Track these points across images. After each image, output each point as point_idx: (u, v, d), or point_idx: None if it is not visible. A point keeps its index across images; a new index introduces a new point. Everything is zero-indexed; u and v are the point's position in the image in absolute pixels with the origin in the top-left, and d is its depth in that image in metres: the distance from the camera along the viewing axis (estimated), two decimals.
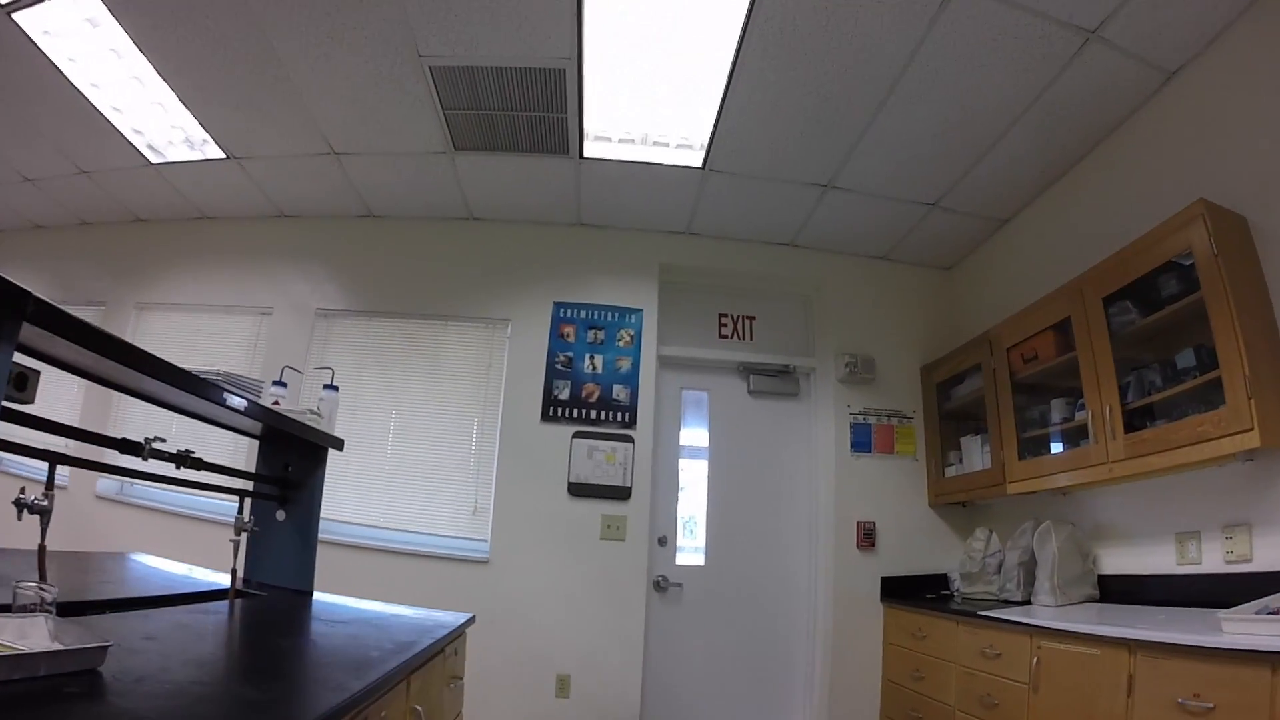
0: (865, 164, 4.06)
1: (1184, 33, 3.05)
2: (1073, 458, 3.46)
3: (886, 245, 4.97)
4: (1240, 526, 2.85)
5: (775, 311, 4.99)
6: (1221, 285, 2.70)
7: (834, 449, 4.66)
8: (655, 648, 4.25)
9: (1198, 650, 2.19)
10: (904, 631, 4.18)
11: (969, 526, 4.55)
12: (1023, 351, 3.91)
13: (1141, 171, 3.48)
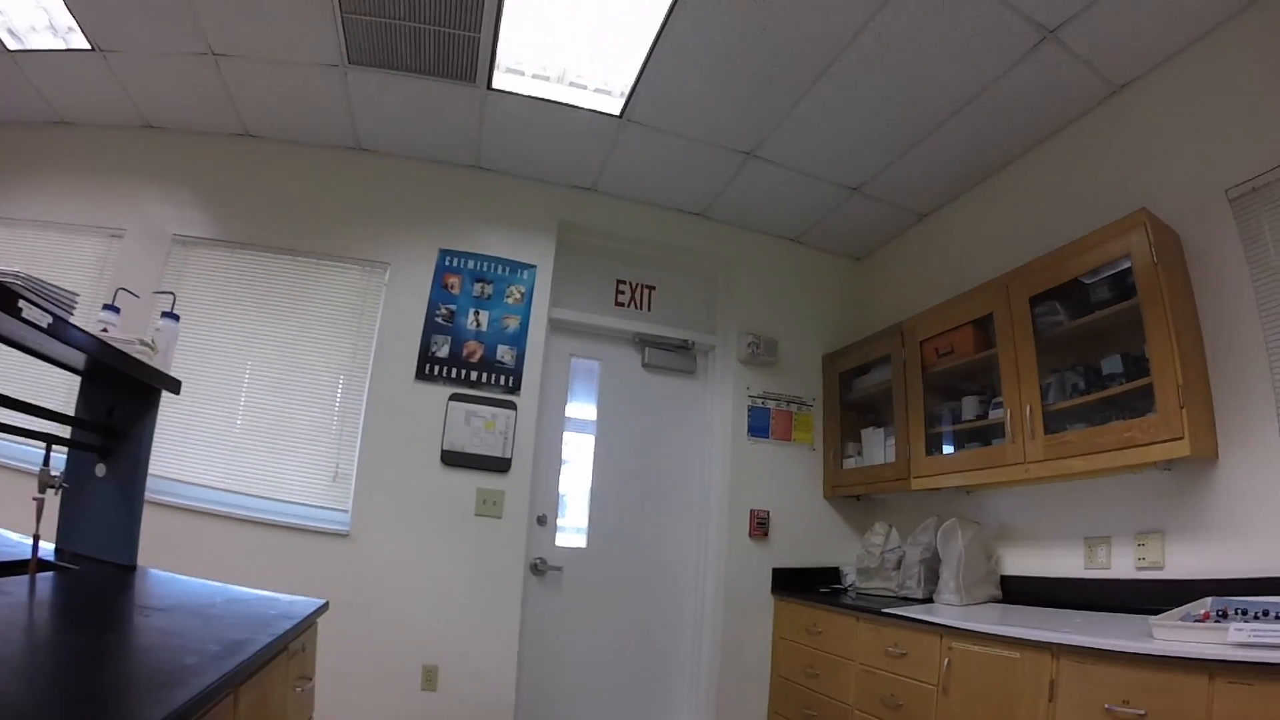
0: (794, 136, 3.93)
1: (1138, 49, 3.14)
2: (986, 456, 3.51)
3: (801, 227, 4.93)
4: (1154, 534, 2.97)
5: (677, 283, 4.85)
6: (1160, 294, 2.78)
7: (730, 432, 4.58)
8: (532, 636, 4.03)
9: (1128, 656, 2.21)
10: (797, 626, 4.14)
11: (865, 520, 4.60)
12: (938, 345, 3.94)
13: (1076, 179, 3.59)
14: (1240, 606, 2.31)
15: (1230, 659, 1.92)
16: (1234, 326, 2.78)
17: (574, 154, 4.23)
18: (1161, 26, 2.99)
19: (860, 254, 5.20)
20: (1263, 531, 2.59)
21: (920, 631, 3.16)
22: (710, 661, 4.24)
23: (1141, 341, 2.84)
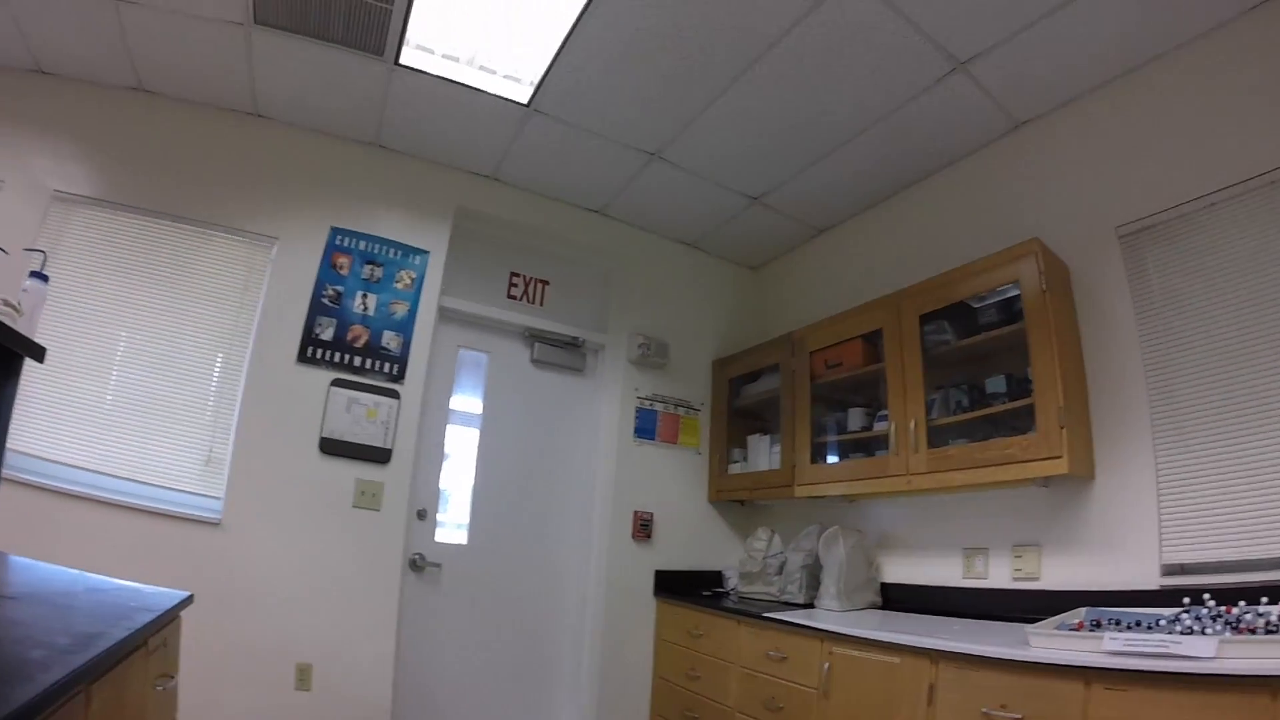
0: (700, 140, 4.02)
1: (1043, 89, 3.42)
2: (870, 466, 3.69)
3: (699, 233, 5.06)
4: (1031, 547, 3.23)
5: (571, 279, 4.88)
6: (1047, 320, 3.03)
7: (616, 432, 4.64)
8: (410, 634, 3.95)
9: (1006, 662, 2.37)
10: (679, 628, 4.24)
11: (748, 525, 4.77)
12: (827, 357, 4.12)
13: (973, 206, 3.87)
14: (1113, 617, 2.54)
15: (1105, 666, 2.09)
16: (1115, 355, 3.07)
17: (477, 140, 4.19)
18: (1068, 70, 3.26)
19: (756, 263, 5.38)
20: (1134, 547, 2.87)
21: (801, 636, 3.27)
22: (592, 662, 4.28)
23: (1025, 364, 3.08)
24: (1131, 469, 2.93)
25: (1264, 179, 2.74)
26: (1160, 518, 2.84)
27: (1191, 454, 2.83)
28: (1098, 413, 3.08)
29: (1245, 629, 2.15)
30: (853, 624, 3.11)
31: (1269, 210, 2.73)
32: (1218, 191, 2.86)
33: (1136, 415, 2.95)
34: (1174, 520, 2.83)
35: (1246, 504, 2.65)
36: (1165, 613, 2.46)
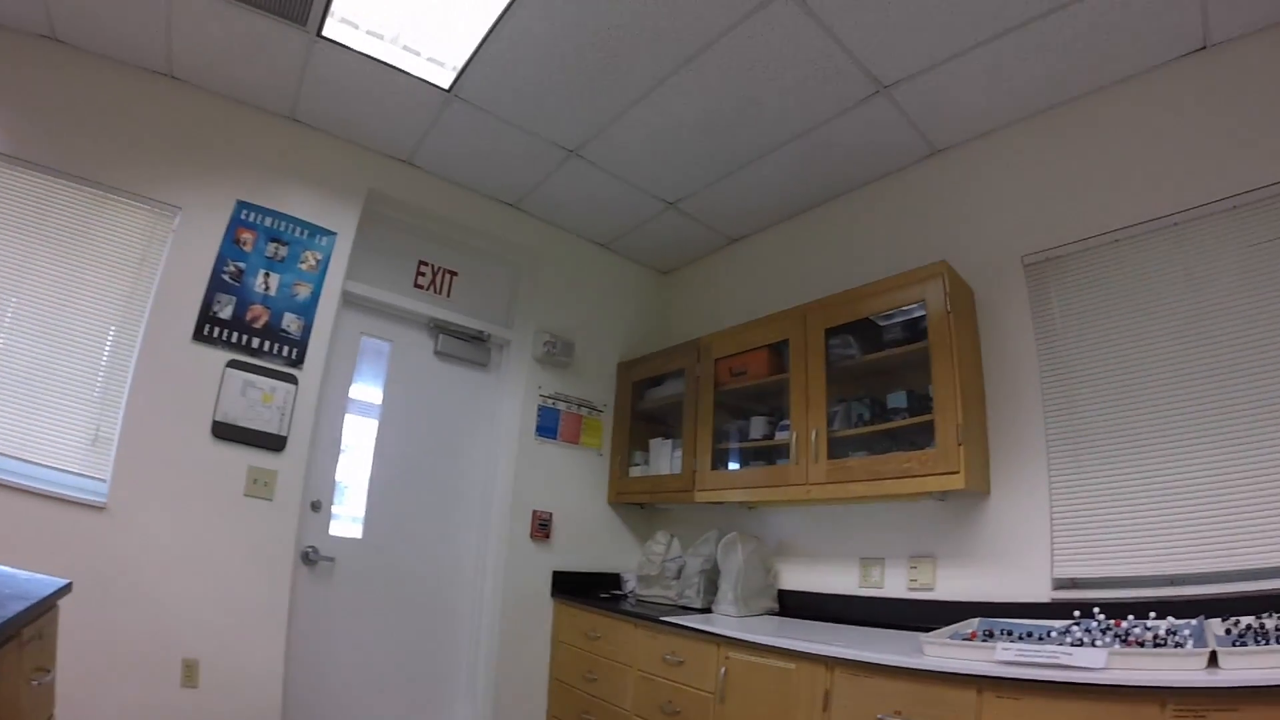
0: (621, 140, 4.15)
1: (962, 119, 3.73)
2: (770, 474, 3.92)
3: (612, 234, 5.21)
4: (926, 558, 3.51)
5: (480, 272, 4.95)
6: (949, 340, 3.28)
7: (518, 430, 4.74)
8: (302, 630, 3.92)
9: (901, 670, 2.57)
10: (576, 630, 4.37)
11: (647, 529, 4.98)
12: (733, 365, 4.34)
13: (885, 227, 4.16)
14: (1005, 628, 2.78)
15: (997, 675, 2.29)
16: (1014, 378, 3.39)
17: (395, 122, 4.22)
18: (990, 103, 3.57)
19: (668, 268, 5.60)
20: (1026, 561, 3.16)
21: (698, 640, 3.43)
22: (488, 663, 4.36)
23: (927, 381, 3.33)
24: (1026, 486, 3.25)
25: (1167, 220, 3.11)
26: (1053, 534, 3.16)
27: (1084, 474, 3.16)
28: (995, 431, 3.39)
29: (1134, 642, 2.39)
30: (749, 630, 3.29)
31: (1170, 250, 3.10)
32: (1123, 229, 3.22)
33: (1032, 435, 3.28)
34: (1065, 536, 3.16)
35: (1135, 523, 2.99)
36: (1056, 625, 2.73)
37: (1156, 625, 2.53)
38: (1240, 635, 2.36)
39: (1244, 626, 2.43)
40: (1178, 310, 3.05)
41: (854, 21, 3.16)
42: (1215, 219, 3.05)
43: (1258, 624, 2.43)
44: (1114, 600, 2.85)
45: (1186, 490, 2.93)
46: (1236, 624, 2.46)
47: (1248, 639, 2.32)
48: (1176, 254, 3.10)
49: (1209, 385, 2.94)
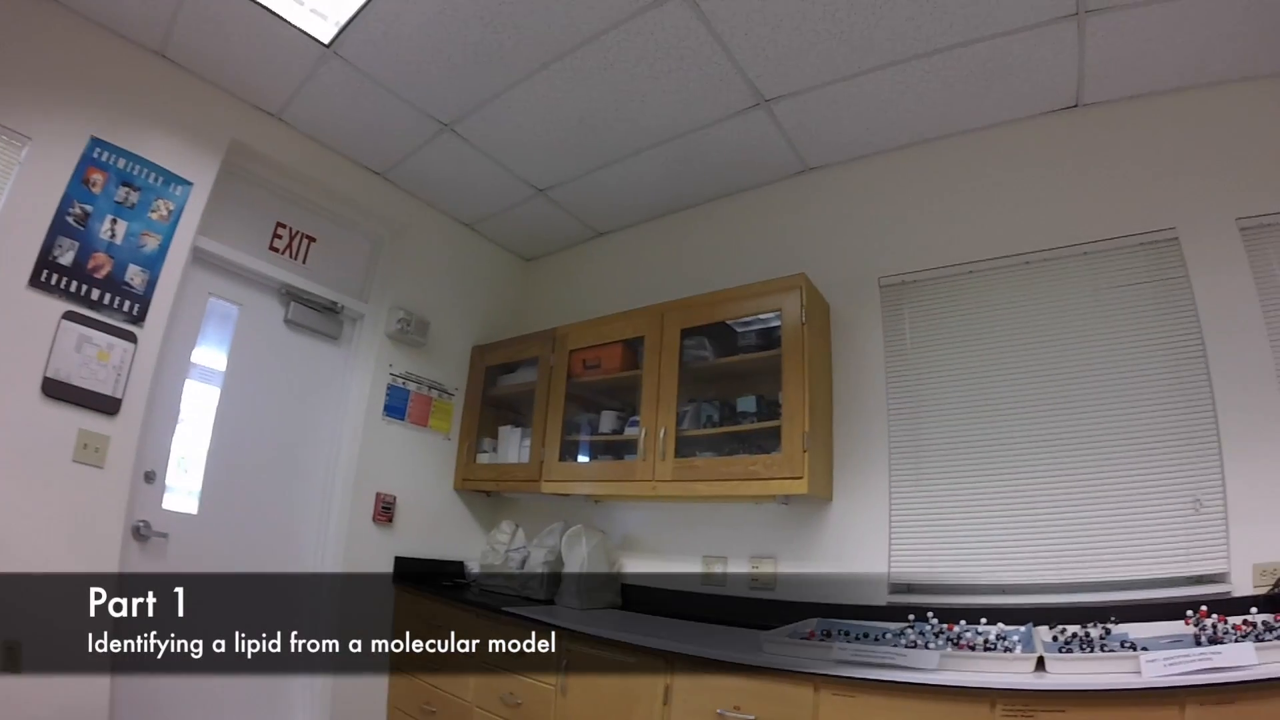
0: (497, 120, 4.36)
1: (837, 141, 4.24)
2: (617, 469, 4.29)
3: (478, 214, 5.45)
4: (767, 558, 3.97)
5: (340, 240, 5.06)
6: (802, 349, 3.73)
7: (365, 408, 4.86)
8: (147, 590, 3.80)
9: (740, 666, 2.94)
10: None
11: (494, 517, 5.21)
12: (587, 357, 4.67)
13: (751, 235, 4.66)
14: (843, 628, 3.23)
15: (834, 674, 2.71)
16: (863, 391, 3.92)
17: (269, 72, 4.24)
18: (865, 129, 4.09)
19: (531, 255, 5.91)
20: (865, 566, 3.68)
21: (540, 632, 3.57)
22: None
23: (777, 388, 3.77)
24: (867, 494, 3.78)
25: (1020, 258, 3.75)
26: (891, 540, 3.69)
27: (922, 486, 3.72)
28: (840, 441, 3.89)
29: (965, 645, 2.88)
30: (592, 623, 3.58)
31: (1021, 285, 3.74)
32: (980, 261, 3.82)
33: (876, 447, 3.81)
34: (903, 543, 3.70)
35: (969, 534, 3.58)
36: (892, 627, 3.19)
37: (987, 630, 3.02)
38: (1067, 643, 2.90)
39: (1070, 634, 2.96)
40: (1023, 341, 3.68)
41: (745, 33, 3.50)
42: (1067, 262, 3.70)
43: (1083, 633, 2.96)
44: (947, 606, 3.34)
45: (1019, 506, 3.53)
46: (1063, 632, 2.99)
47: (1074, 646, 2.85)
48: (1028, 290, 3.73)
49: (1046, 412, 3.58)
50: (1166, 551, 3.33)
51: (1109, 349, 3.55)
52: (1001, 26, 3.45)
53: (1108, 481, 3.44)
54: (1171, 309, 3.52)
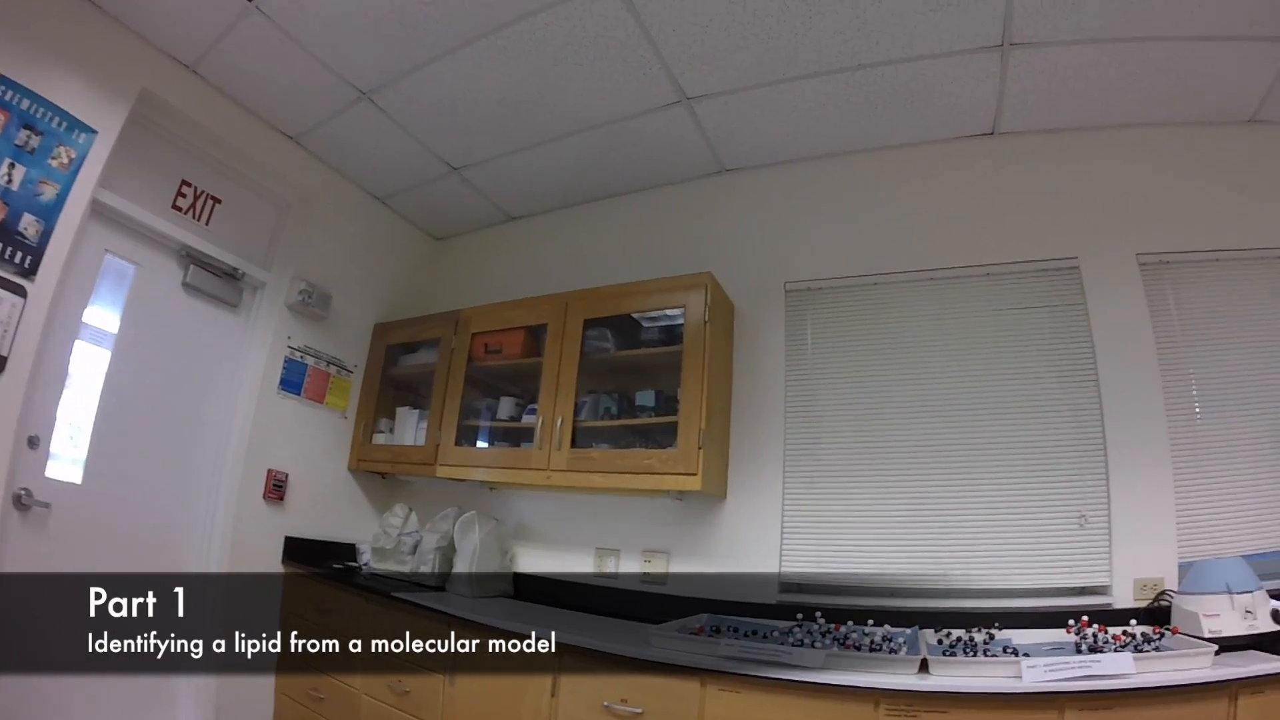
0: (417, 93, 4.56)
1: (756, 146, 4.67)
2: (513, 456, 4.63)
3: (391, 189, 5.69)
4: (660, 553, 4.36)
5: (246, 204, 5.11)
6: (703, 347, 4.09)
7: (261, 380, 5.00)
8: (9, 586, 3.83)
9: (627, 659, 3.24)
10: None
11: (387, 500, 5.39)
12: (489, 342, 4.98)
13: (663, 231, 5.06)
14: (732, 625, 3.58)
15: (720, 669, 3.04)
16: (762, 392, 4.35)
17: (187, 20, 4.23)
18: (785, 136, 4.52)
19: (442, 234, 6.17)
20: (756, 564, 4.08)
21: (429, 619, 3.84)
22: None
23: (676, 384, 4.13)
24: (761, 494, 4.20)
25: (925, 274, 4.24)
26: (783, 540, 4.11)
27: (816, 489, 4.16)
28: (737, 440, 4.31)
29: (851, 646, 3.26)
30: (483, 611, 3.79)
31: (925, 300, 4.23)
32: (886, 274, 4.31)
33: (771, 447, 4.23)
34: (794, 544, 4.12)
35: (860, 537, 4.04)
36: (780, 625, 3.54)
37: (874, 632, 3.40)
38: (951, 646, 3.29)
39: (955, 639, 3.36)
40: (924, 353, 4.16)
41: (673, 29, 3.80)
42: (971, 281, 4.21)
43: (968, 637, 3.36)
44: (836, 606, 3.73)
45: (911, 512, 4.00)
46: (948, 635, 3.40)
47: (958, 650, 3.25)
48: (931, 305, 4.23)
49: (943, 424, 4.07)
50: (1052, 563, 3.85)
51: (1007, 367, 4.06)
52: (928, 50, 3.87)
53: (999, 493, 3.95)
54: (1069, 334, 4.06)
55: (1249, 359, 3.90)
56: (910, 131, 4.42)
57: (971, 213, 4.30)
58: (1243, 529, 3.76)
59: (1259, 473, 3.80)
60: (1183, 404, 3.92)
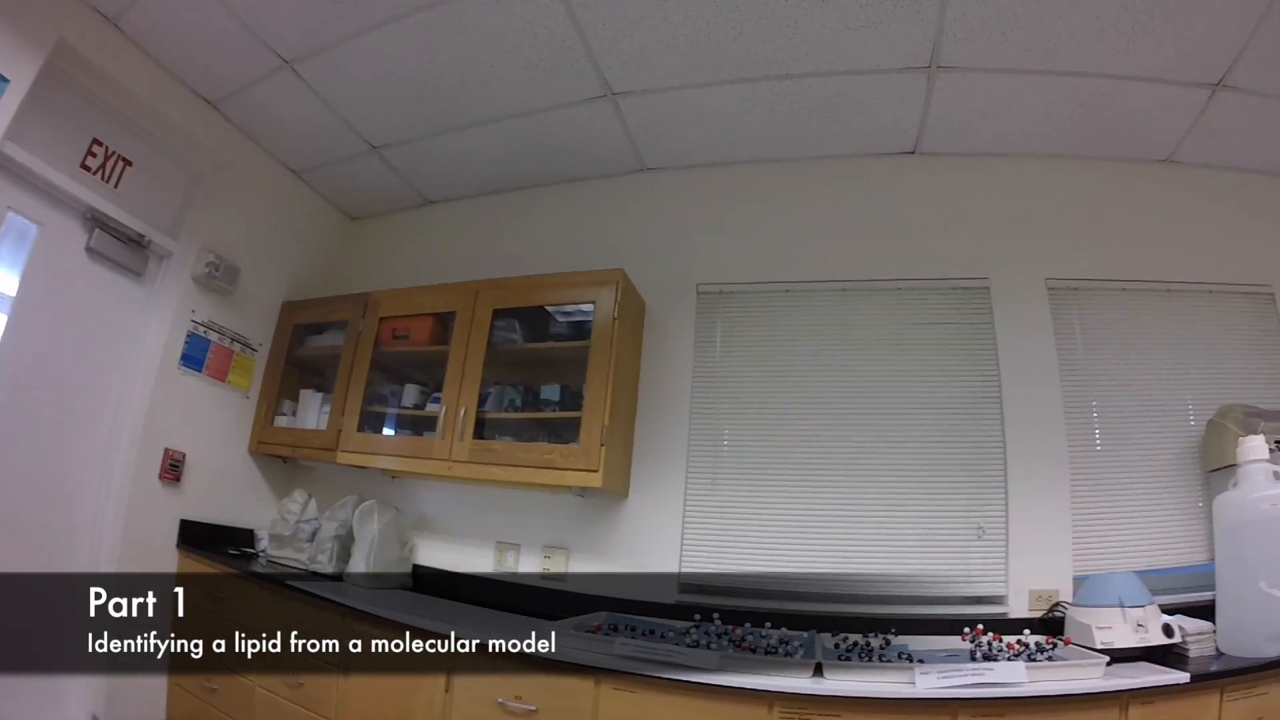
0: (341, 66, 4.70)
1: (679, 146, 5.02)
2: (415, 445, 4.85)
3: (308, 163, 5.86)
4: (560, 549, 4.67)
5: (158, 168, 5.14)
6: (611, 343, 4.37)
7: (161, 354, 5.04)
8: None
9: (522, 656, 3.42)
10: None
11: (288, 485, 5.65)
12: (397, 327, 5.21)
13: (579, 225, 5.41)
14: (630, 623, 3.87)
15: (615, 668, 3.28)
16: (668, 392, 4.70)
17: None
18: (708, 139, 4.89)
19: (357, 214, 6.39)
20: (656, 564, 4.41)
21: (326, 610, 4.02)
22: None
23: (582, 380, 4.39)
24: (663, 494, 4.53)
25: (838, 284, 4.67)
26: (683, 541, 4.46)
27: (718, 491, 4.51)
28: (641, 439, 4.64)
29: (747, 648, 3.55)
30: (380, 603, 3.96)
31: (832, 308, 4.68)
32: (797, 282, 4.70)
33: (675, 448, 4.58)
34: (695, 545, 4.46)
35: (760, 541, 4.40)
36: (678, 625, 3.85)
37: (771, 634, 3.71)
38: (848, 650, 3.63)
39: (851, 643, 3.69)
40: (832, 361, 4.57)
41: (603, 22, 4.05)
42: (883, 294, 4.63)
43: (865, 642, 3.70)
44: (735, 608, 4.07)
45: (812, 517, 4.37)
46: (845, 640, 3.72)
47: (853, 655, 3.59)
48: (842, 315, 4.63)
49: (848, 432, 4.46)
50: (950, 572, 4.25)
51: (913, 380, 4.47)
52: (857, 66, 4.21)
53: (900, 502, 4.35)
54: (975, 351, 4.50)
55: (1148, 387, 4.42)
56: (833, 144, 4.79)
57: (887, 228, 4.72)
58: (1136, 546, 4.24)
59: (1153, 494, 4.28)
60: (1083, 425, 4.39)
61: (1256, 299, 4.52)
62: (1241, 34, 3.89)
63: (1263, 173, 4.75)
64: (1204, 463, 4.21)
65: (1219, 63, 4.08)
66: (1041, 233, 4.63)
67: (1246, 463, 3.70)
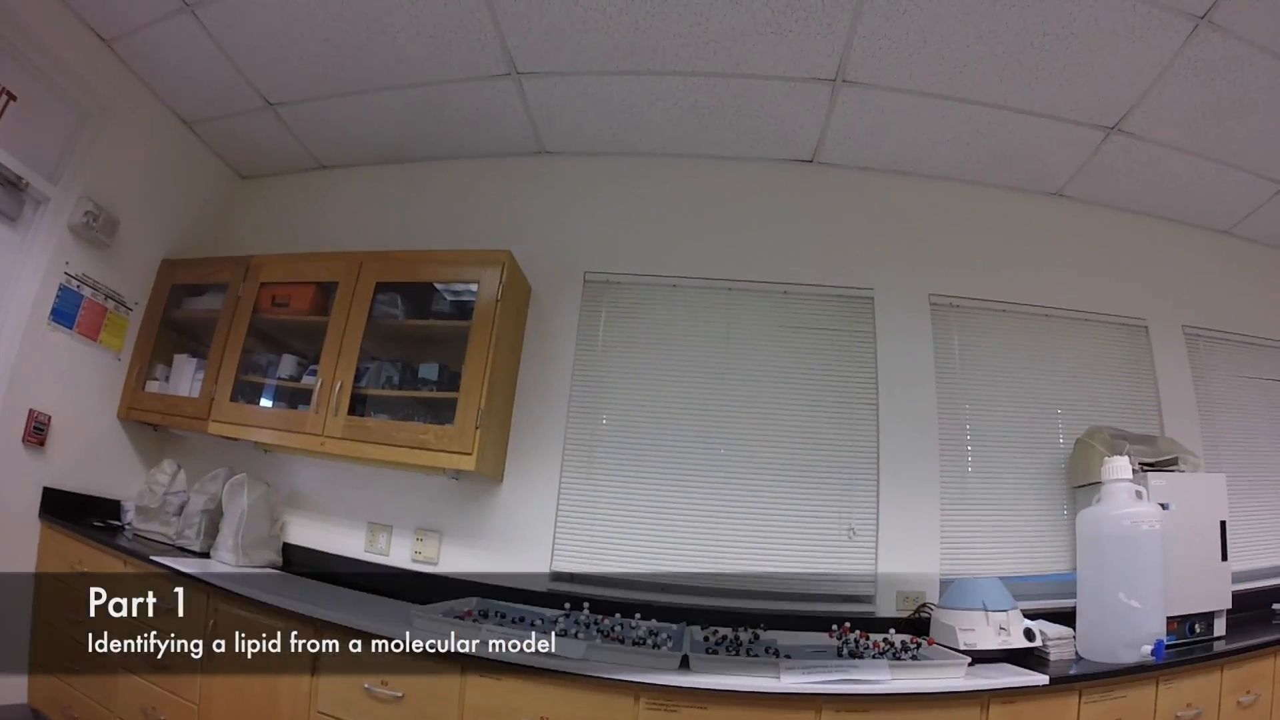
0: (243, 14, 5.06)
1: (579, 132, 5.74)
2: (288, 418, 5.35)
3: (200, 114, 6.30)
4: (432, 532, 5.29)
5: (43, 106, 5.36)
6: (492, 325, 4.97)
7: (30, 307, 5.27)
8: None
9: (387, 641, 3.85)
10: (66, 561, 5.11)
11: (157, 455, 6.11)
12: (277, 293, 5.67)
13: (470, 204, 6.11)
14: (500, 610, 4.40)
15: (479, 655, 3.70)
16: (548, 378, 5.41)
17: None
18: (611, 127, 5.61)
19: (248, 173, 7.05)
20: (529, 551, 5.14)
21: (188, 587, 4.23)
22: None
23: (462, 360, 4.93)
24: (538, 481, 5.21)
25: (725, 283, 5.49)
26: (557, 529, 5.14)
27: (593, 481, 5.21)
28: (519, 424, 5.31)
29: (615, 638, 4.10)
30: (246, 583, 4.34)
31: (717, 306, 5.56)
32: (685, 278, 5.46)
33: (552, 435, 5.26)
34: (568, 534, 5.14)
35: (633, 532, 5.11)
36: (548, 613, 4.42)
37: (640, 625, 4.28)
38: (717, 644, 4.20)
39: (721, 636, 4.29)
40: (714, 359, 5.32)
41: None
42: (769, 296, 5.40)
43: (733, 636, 4.30)
44: (606, 598, 4.70)
45: (686, 510, 5.11)
46: (715, 633, 4.33)
47: (721, 649, 4.14)
48: (727, 314, 5.41)
49: (726, 428, 5.22)
50: (821, 570, 4.98)
51: (793, 382, 5.26)
52: (763, 70, 4.87)
53: (774, 500, 5.10)
54: (855, 358, 5.31)
55: (1021, 403, 5.29)
56: (733, 145, 5.51)
57: (779, 232, 5.52)
58: (1002, 553, 5.08)
59: (1020, 504, 5.15)
60: (955, 435, 5.21)
61: (1131, 330, 5.52)
62: (1143, 82, 4.66)
63: (1149, 215, 5.72)
64: (1070, 478, 5.09)
65: (1118, 107, 4.88)
66: (929, 250, 5.45)
67: (1111, 481, 4.46)
